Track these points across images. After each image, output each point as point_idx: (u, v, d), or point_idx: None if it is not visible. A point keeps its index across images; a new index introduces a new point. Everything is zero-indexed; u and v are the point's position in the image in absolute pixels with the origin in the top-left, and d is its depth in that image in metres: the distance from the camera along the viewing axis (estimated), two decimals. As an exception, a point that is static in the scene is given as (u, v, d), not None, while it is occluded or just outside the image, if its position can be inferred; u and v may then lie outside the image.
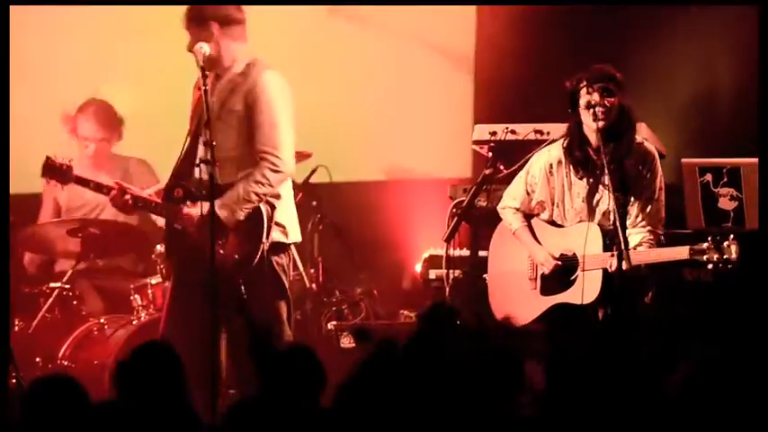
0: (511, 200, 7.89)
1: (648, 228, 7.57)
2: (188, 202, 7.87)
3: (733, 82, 10.36)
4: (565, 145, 7.68)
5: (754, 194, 8.25)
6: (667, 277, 8.18)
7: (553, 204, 7.72)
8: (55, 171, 8.13)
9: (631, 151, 7.57)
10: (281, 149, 8.01)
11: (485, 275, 8.78)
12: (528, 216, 7.89)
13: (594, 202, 7.64)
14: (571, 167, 7.66)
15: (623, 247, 7.31)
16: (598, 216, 7.58)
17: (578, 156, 7.64)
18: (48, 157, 8.15)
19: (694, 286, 8.44)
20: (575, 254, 7.69)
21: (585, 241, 7.55)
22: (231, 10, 8.08)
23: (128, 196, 7.88)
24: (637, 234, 7.53)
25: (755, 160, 8.19)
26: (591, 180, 7.67)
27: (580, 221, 7.63)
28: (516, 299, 8.00)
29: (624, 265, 7.29)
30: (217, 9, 8.01)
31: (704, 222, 8.32)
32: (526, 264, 7.90)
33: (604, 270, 7.50)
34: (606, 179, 7.58)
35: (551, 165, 7.72)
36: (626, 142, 7.58)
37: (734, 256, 7.28)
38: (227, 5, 8.08)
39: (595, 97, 7.54)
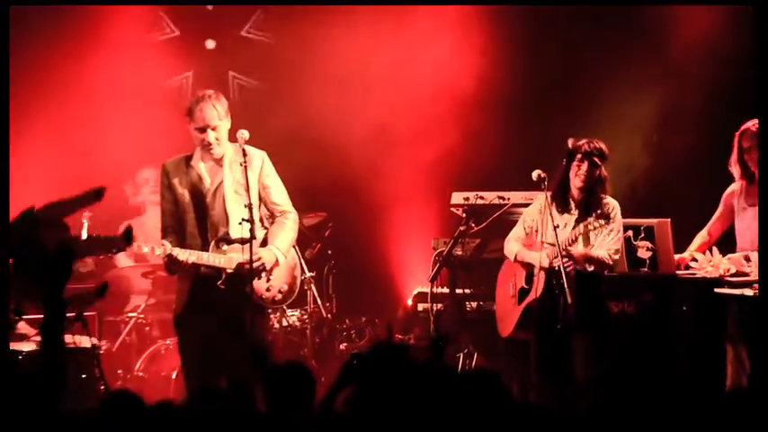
0: (515, 236, 8.20)
1: (608, 251, 7.87)
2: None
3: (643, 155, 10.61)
4: (552, 188, 7.98)
5: (664, 246, 8.46)
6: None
7: (538, 233, 8.04)
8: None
9: (599, 203, 7.92)
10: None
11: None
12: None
13: (563, 229, 7.92)
14: (554, 206, 8.00)
15: (566, 284, 7.65)
16: (561, 239, 7.83)
17: (560, 197, 8.01)
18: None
19: (618, 318, 8.57)
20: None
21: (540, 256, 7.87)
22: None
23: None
24: (599, 251, 7.87)
25: (666, 220, 8.52)
26: (564, 215, 8.00)
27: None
28: (506, 315, 8.30)
29: (569, 300, 7.64)
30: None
31: (627, 267, 8.46)
32: (510, 287, 8.22)
33: (548, 272, 7.83)
34: (574, 218, 7.96)
35: (540, 209, 8.06)
36: (595, 196, 7.94)
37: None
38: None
39: (584, 167, 7.92)
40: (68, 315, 7.60)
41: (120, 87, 10.98)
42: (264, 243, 7.77)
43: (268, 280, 7.74)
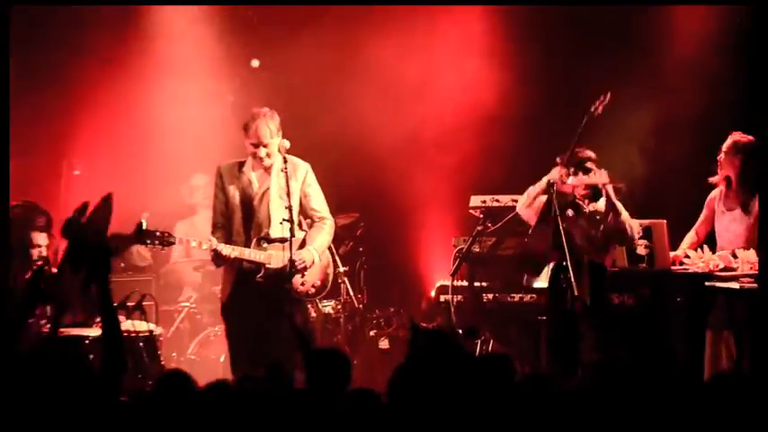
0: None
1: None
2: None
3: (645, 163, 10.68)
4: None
5: (660, 245, 8.68)
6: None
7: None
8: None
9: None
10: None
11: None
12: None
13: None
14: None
15: (572, 279, 7.96)
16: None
17: (570, 205, 8.40)
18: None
19: (618, 308, 8.80)
20: None
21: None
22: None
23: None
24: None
25: (662, 221, 8.73)
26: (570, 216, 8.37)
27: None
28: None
29: (575, 292, 7.97)
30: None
31: (627, 263, 8.74)
32: None
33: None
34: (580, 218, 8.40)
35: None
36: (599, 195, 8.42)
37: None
38: None
39: (580, 176, 8.39)
40: (129, 304, 8.34)
41: (179, 96, 11.23)
42: (303, 244, 8.14)
43: (303, 276, 8.11)
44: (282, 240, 7.95)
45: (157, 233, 7.98)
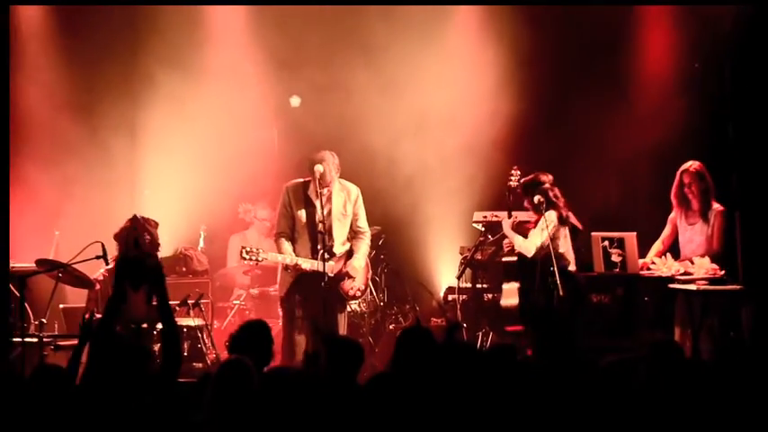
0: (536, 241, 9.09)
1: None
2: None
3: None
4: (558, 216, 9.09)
5: (631, 253, 9.19)
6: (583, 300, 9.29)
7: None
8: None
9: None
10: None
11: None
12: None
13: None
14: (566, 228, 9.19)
15: (558, 279, 8.75)
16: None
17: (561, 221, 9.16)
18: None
19: (597, 306, 9.72)
20: None
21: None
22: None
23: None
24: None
25: (632, 233, 9.25)
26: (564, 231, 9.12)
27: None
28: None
29: (561, 293, 8.77)
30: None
31: (603, 268, 9.27)
32: None
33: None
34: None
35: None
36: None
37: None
38: None
39: (556, 192, 9.19)
40: (190, 302, 9.25)
41: (229, 129, 11.85)
42: (351, 254, 9.11)
43: (353, 280, 9.11)
44: (342, 255, 8.89)
45: (252, 250, 8.81)
